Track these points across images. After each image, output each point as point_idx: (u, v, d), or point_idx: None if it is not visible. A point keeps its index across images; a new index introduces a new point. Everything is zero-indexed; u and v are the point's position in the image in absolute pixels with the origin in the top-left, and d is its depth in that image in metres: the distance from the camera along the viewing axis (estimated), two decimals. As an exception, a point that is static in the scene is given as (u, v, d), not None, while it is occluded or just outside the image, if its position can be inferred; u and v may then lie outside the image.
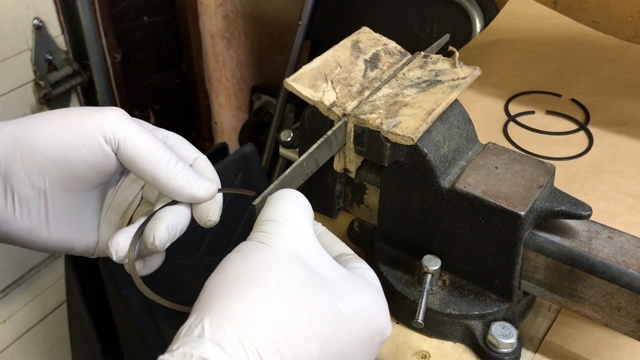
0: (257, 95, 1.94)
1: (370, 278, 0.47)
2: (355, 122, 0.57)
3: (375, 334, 0.44)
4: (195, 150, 0.56)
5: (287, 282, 0.40)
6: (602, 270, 0.54)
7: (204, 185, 0.52)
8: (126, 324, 1.26)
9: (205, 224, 0.53)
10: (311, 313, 0.40)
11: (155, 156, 0.50)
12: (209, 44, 1.96)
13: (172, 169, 0.50)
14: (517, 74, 1.05)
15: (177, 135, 0.56)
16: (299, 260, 0.43)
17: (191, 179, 0.51)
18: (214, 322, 0.38)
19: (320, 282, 0.42)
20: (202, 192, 0.52)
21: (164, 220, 0.51)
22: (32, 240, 0.52)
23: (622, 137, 0.89)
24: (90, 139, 0.49)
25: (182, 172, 0.51)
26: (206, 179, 0.52)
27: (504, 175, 0.58)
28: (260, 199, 0.49)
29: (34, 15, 1.47)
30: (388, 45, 0.67)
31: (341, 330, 0.41)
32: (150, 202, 0.57)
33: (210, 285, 0.41)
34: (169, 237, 0.51)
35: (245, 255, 0.42)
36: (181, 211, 0.52)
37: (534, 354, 0.61)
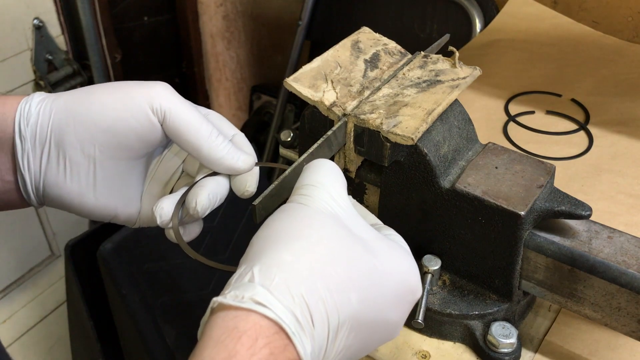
0: (257, 95, 1.94)
1: (401, 243, 0.49)
2: (355, 122, 0.57)
3: (408, 292, 0.47)
4: (233, 127, 0.59)
5: (327, 236, 0.43)
6: (602, 270, 0.54)
7: (243, 157, 0.55)
8: (126, 324, 1.26)
9: (243, 194, 0.56)
10: (350, 266, 0.43)
11: (198, 128, 0.53)
12: (209, 44, 1.96)
13: (214, 140, 0.53)
14: (517, 74, 1.05)
15: (217, 113, 0.59)
16: (337, 220, 0.45)
17: (231, 151, 0.54)
18: (263, 269, 0.40)
19: (357, 239, 0.45)
20: (241, 163, 0.54)
21: (206, 188, 0.54)
22: (80, 205, 0.55)
23: (622, 137, 0.89)
24: (139, 109, 0.52)
25: (223, 145, 0.54)
26: (244, 153, 0.55)
27: (504, 175, 0.58)
28: (260, 199, 0.49)
29: (34, 15, 1.47)
30: (388, 45, 0.67)
31: (377, 284, 0.44)
32: (190, 175, 0.59)
33: (257, 241, 0.44)
34: (210, 204, 0.54)
35: (288, 213, 0.45)
36: (221, 181, 0.55)
37: (534, 354, 0.62)
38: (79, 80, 1.60)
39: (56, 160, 0.53)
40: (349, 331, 0.43)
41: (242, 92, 2.03)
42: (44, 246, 1.64)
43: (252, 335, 0.38)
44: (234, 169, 0.55)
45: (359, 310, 0.43)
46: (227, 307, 0.39)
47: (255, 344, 0.38)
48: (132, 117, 0.52)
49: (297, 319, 0.39)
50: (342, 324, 0.42)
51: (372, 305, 0.44)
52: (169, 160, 0.60)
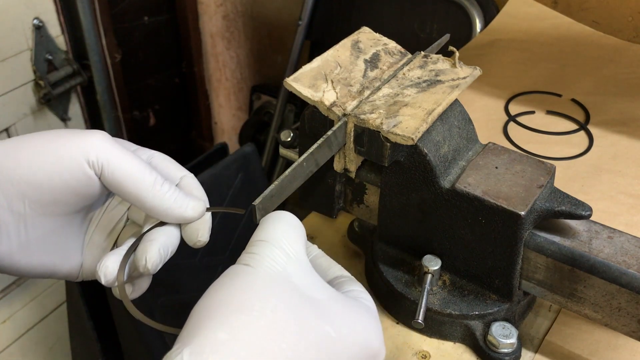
0: (257, 95, 1.94)
1: (364, 300, 0.46)
2: (355, 122, 0.57)
3: (368, 357, 0.43)
4: (181, 168, 0.55)
5: (272, 307, 0.39)
6: (602, 270, 0.54)
7: (192, 204, 0.51)
8: (126, 324, 1.26)
9: (195, 244, 0.52)
10: (297, 338, 0.39)
11: (140, 178, 0.49)
12: (209, 44, 1.96)
13: (159, 190, 0.50)
14: (517, 74, 1.05)
15: (162, 154, 0.56)
16: (287, 282, 0.42)
17: (178, 199, 0.51)
18: (194, 352, 0.37)
19: (309, 304, 0.41)
20: (190, 212, 0.51)
21: (156, 242, 0.50)
22: (11, 265, 0.51)
23: (622, 137, 0.89)
24: (73, 163, 0.48)
25: (169, 193, 0.50)
26: (194, 198, 0.52)
27: (504, 175, 0.58)
28: (260, 199, 0.49)
29: (33, 15, 1.47)
30: (388, 45, 0.67)
31: (329, 354, 0.40)
32: (137, 223, 0.56)
33: (194, 314, 0.40)
34: (161, 259, 0.50)
35: (230, 279, 0.41)
36: (171, 232, 0.52)
37: (534, 354, 0.61)
38: (79, 80, 1.60)
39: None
40: None
41: (242, 92, 2.03)
42: (43, 246, 1.64)
43: None
44: (183, 219, 0.51)
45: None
46: None
47: None
48: (66, 172, 0.48)
49: None
50: None
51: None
52: (113, 209, 0.56)
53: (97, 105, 1.69)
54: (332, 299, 0.43)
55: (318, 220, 0.76)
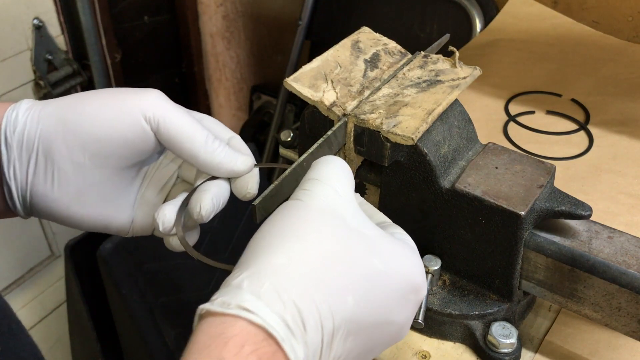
0: (257, 95, 1.94)
1: (408, 241, 0.48)
2: (355, 122, 0.57)
3: (411, 291, 0.45)
4: (229, 130, 0.58)
5: (324, 236, 0.42)
6: (602, 270, 0.54)
7: (241, 159, 0.54)
8: (126, 324, 1.26)
9: (245, 196, 0.55)
10: (348, 267, 0.42)
11: (193, 135, 0.52)
12: (209, 44, 1.96)
13: (210, 145, 0.53)
14: (517, 74, 1.05)
15: (212, 117, 0.59)
16: (339, 217, 0.44)
17: (229, 154, 0.54)
18: (253, 274, 0.39)
19: (359, 238, 0.44)
20: (240, 166, 0.54)
21: (209, 192, 0.53)
22: (68, 216, 0.54)
23: (622, 137, 0.89)
24: (132, 118, 0.51)
25: (220, 149, 0.53)
26: (242, 154, 0.55)
27: (504, 175, 0.58)
28: (260, 199, 0.49)
29: (33, 15, 1.47)
30: (388, 45, 0.67)
31: (377, 285, 0.43)
32: (187, 181, 0.59)
33: (252, 243, 0.43)
34: (214, 208, 0.53)
35: (286, 212, 0.44)
36: (222, 185, 0.55)
37: (534, 354, 0.61)
38: (79, 80, 1.60)
39: (44, 169, 0.52)
40: (346, 335, 0.41)
41: (242, 92, 2.03)
42: (43, 246, 1.64)
43: (238, 342, 0.37)
44: (233, 172, 0.54)
45: (357, 312, 0.41)
46: (214, 314, 0.38)
47: (241, 350, 0.37)
48: (125, 126, 0.51)
49: (287, 324, 0.38)
50: (337, 328, 0.40)
51: (373, 308, 0.43)
52: (164, 167, 0.59)
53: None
54: (380, 236, 0.45)
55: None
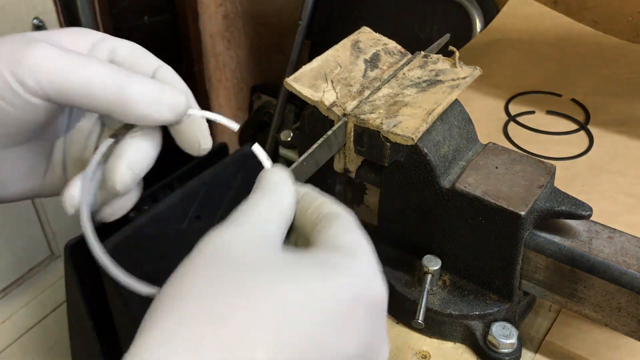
0: (257, 95, 1.94)
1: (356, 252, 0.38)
2: (355, 122, 0.57)
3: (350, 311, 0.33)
4: (154, 59, 0.46)
5: (206, 294, 0.32)
6: (602, 270, 0.54)
7: (167, 99, 0.41)
8: (126, 324, 1.26)
9: (199, 152, 0.45)
10: (244, 316, 0.31)
11: (100, 85, 0.40)
12: (209, 44, 1.96)
13: (126, 87, 0.40)
14: (517, 74, 1.05)
15: (130, 43, 0.47)
16: (231, 260, 0.33)
17: (150, 93, 0.41)
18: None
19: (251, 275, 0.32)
20: (165, 111, 0.41)
21: (124, 158, 0.42)
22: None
23: (623, 137, 0.89)
24: (10, 92, 0.40)
25: (136, 87, 0.41)
26: (171, 91, 0.42)
27: (504, 175, 0.58)
28: (260, 199, 0.49)
29: (33, 15, 1.47)
30: (388, 45, 0.67)
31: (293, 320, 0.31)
32: (111, 128, 0.48)
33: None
34: (133, 177, 0.43)
35: (179, 270, 0.35)
36: (144, 141, 0.43)
37: (534, 354, 0.61)
38: (79, 80, 1.60)
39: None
40: None
41: (242, 92, 2.03)
42: (43, 246, 1.64)
43: None
44: (158, 120, 0.41)
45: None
46: None
47: None
48: (4, 102, 0.40)
49: None
50: None
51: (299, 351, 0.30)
52: (83, 118, 0.49)
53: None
54: (285, 266, 0.33)
55: (318, 220, 0.76)
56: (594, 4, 1.15)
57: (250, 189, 0.54)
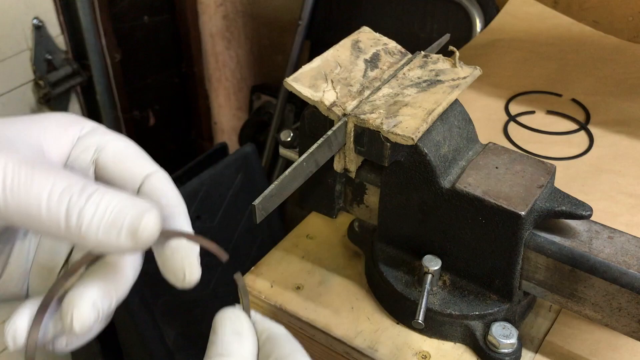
0: (257, 95, 1.94)
1: None
2: (355, 122, 0.57)
3: None
4: (149, 163, 0.39)
5: None
6: (602, 270, 0.54)
7: (128, 223, 0.33)
8: (126, 324, 1.26)
9: (183, 285, 0.37)
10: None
11: (44, 209, 0.33)
12: (209, 43, 1.96)
13: (74, 212, 0.33)
14: (517, 74, 1.05)
15: (125, 141, 0.39)
16: None
17: (107, 216, 0.33)
18: None
19: None
20: (123, 238, 0.33)
21: (88, 292, 0.35)
22: None
23: (623, 137, 0.89)
24: None
25: (89, 210, 0.33)
26: (136, 212, 0.33)
27: (505, 175, 0.58)
28: (260, 199, 0.49)
29: (33, 15, 1.47)
30: (388, 45, 0.67)
31: None
32: None
33: None
34: (97, 316, 0.35)
35: None
36: (118, 271, 0.36)
37: (535, 354, 0.61)
38: (79, 80, 1.60)
39: None
40: None
41: (242, 92, 2.03)
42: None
43: None
44: (118, 248, 0.33)
45: None
46: None
47: None
48: None
49: None
50: None
51: None
52: None
53: (96, 105, 1.69)
54: None
55: (318, 220, 0.76)
56: (594, 4, 1.15)
57: (250, 189, 0.53)
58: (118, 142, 0.39)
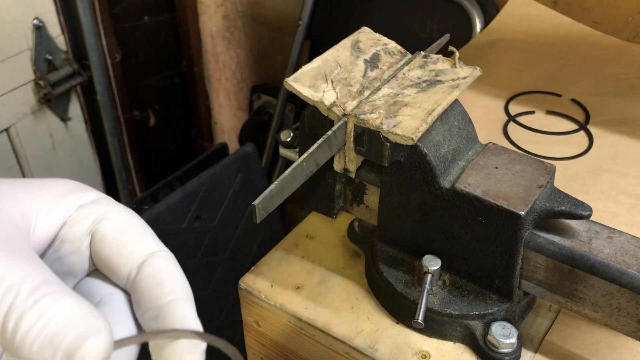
0: (257, 95, 1.94)
1: None
2: (355, 122, 0.57)
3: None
4: (153, 242, 0.35)
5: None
6: (602, 270, 0.54)
7: (68, 343, 0.27)
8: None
9: None
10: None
11: None
12: (209, 44, 1.96)
13: (10, 323, 0.28)
14: (517, 74, 1.05)
15: (128, 214, 0.36)
16: None
17: (46, 332, 0.27)
18: None
19: None
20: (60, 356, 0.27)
21: None
22: None
23: (622, 137, 0.89)
24: None
25: (28, 321, 0.27)
26: (78, 328, 0.28)
27: (504, 175, 0.58)
28: (260, 199, 0.49)
29: (33, 15, 1.47)
30: (388, 45, 0.67)
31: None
32: None
33: None
34: None
35: None
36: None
37: (534, 354, 0.61)
38: (79, 80, 1.60)
39: None
40: None
41: (242, 92, 2.03)
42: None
43: None
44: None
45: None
46: None
47: None
48: None
49: None
50: None
51: None
52: None
53: (97, 105, 1.69)
54: None
55: (318, 220, 0.76)
56: (594, 4, 1.15)
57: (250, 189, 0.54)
58: (121, 215, 0.36)
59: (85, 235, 0.35)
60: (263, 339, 0.70)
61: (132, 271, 0.34)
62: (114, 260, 0.34)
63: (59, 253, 0.35)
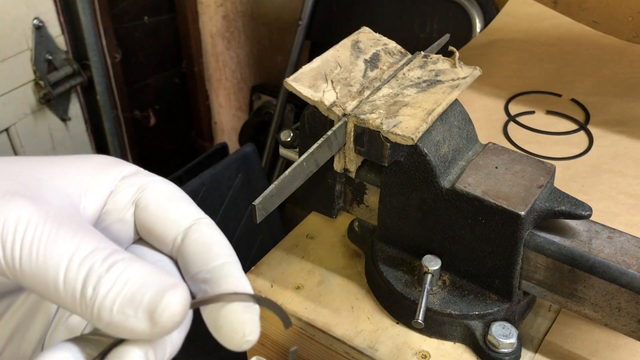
0: (257, 95, 1.94)
1: None
2: (355, 122, 0.57)
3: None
4: (195, 210, 0.35)
5: None
6: (602, 270, 0.54)
7: (147, 302, 0.28)
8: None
9: (241, 347, 0.31)
10: None
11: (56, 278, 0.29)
12: (209, 44, 1.96)
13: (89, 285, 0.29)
14: (517, 74, 1.05)
15: (168, 185, 0.37)
16: None
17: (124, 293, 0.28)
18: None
19: None
20: (141, 320, 0.28)
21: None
22: None
23: (622, 137, 0.89)
24: None
25: (106, 284, 0.28)
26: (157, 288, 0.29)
27: (504, 175, 0.58)
28: (260, 199, 0.49)
29: (33, 15, 1.47)
30: (388, 45, 0.67)
31: None
32: None
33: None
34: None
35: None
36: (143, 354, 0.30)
37: (534, 354, 0.61)
38: (79, 80, 1.60)
39: None
40: None
41: (242, 92, 2.03)
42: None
43: None
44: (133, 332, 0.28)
45: None
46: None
47: None
48: None
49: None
50: None
51: None
52: None
53: (97, 105, 1.69)
54: None
55: (318, 220, 0.76)
56: (594, 4, 1.15)
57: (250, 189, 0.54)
58: (162, 184, 0.37)
59: (130, 204, 0.36)
60: (263, 339, 0.70)
61: (177, 237, 0.34)
62: (158, 227, 0.35)
63: (105, 223, 0.36)
